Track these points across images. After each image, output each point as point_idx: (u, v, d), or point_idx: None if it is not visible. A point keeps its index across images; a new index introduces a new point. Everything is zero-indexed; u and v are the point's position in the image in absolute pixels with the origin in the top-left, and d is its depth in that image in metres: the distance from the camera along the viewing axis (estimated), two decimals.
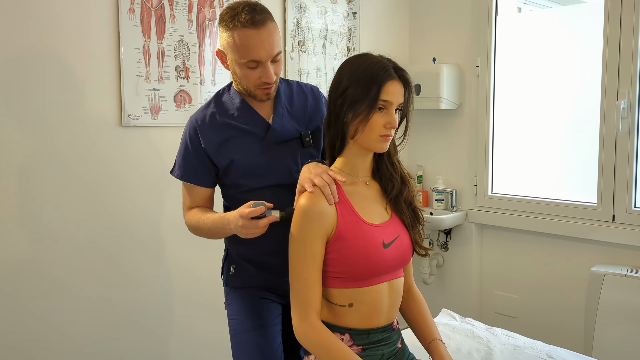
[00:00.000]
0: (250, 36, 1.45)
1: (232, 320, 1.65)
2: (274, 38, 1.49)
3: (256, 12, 1.46)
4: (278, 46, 1.51)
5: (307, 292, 1.31)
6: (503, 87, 2.99)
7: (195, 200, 1.63)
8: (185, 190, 1.65)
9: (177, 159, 1.65)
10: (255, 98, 1.57)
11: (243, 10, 1.45)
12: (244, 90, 1.57)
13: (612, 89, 2.50)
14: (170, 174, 1.66)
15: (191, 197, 1.63)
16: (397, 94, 1.33)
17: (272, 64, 1.51)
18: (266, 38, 1.46)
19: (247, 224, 1.38)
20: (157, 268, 2.36)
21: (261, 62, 1.48)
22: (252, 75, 1.51)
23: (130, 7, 2.18)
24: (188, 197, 1.64)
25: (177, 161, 1.64)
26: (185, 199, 1.65)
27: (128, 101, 2.20)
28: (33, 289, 2.05)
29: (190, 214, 1.61)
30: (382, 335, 1.38)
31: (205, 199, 1.64)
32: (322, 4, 2.85)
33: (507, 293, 3.01)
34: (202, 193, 1.63)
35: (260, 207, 1.37)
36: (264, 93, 1.55)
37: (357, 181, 1.40)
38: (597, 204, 2.60)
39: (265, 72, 1.50)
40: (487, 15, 2.95)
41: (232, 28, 1.46)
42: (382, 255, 1.33)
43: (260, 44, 1.46)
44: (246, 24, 1.45)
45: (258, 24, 1.45)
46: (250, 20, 1.44)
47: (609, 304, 2.42)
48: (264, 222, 1.37)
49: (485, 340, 2.03)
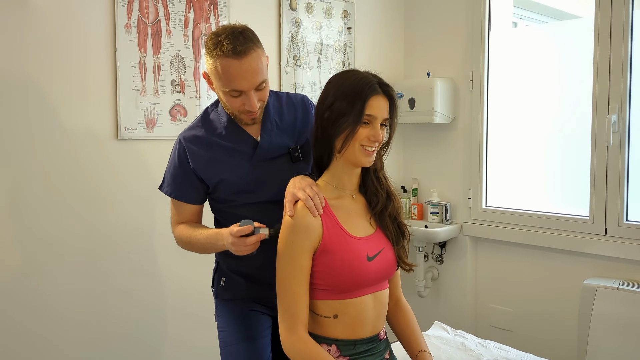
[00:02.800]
0: (231, 66, 1.42)
1: (222, 332, 1.65)
2: (257, 68, 1.45)
3: (239, 41, 1.42)
4: (261, 75, 1.47)
5: (295, 305, 1.33)
6: (497, 101, 3.03)
7: (184, 216, 1.64)
8: (174, 207, 1.65)
9: (166, 175, 1.65)
10: (241, 122, 1.57)
11: (226, 39, 1.41)
12: (230, 113, 1.57)
13: (602, 104, 2.53)
14: (159, 189, 1.67)
15: (179, 213, 1.64)
16: (382, 108, 1.36)
17: (256, 91, 1.48)
18: (248, 69, 1.43)
19: (236, 242, 1.39)
20: (151, 281, 2.37)
21: (244, 91, 1.46)
22: (236, 102, 1.50)
23: (127, 22, 2.22)
24: (176, 213, 1.65)
25: (166, 178, 1.65)
26: (174, 214, 1.66)
27: (124, 114, 2.24)
28: (25, 302, 2.05)
29: (180, 229, 1.62)
30: (368, 346, 1.39)
31: (194, 214, 1.65)
32: (317, 19, 2.90)
33: (501, 306, 3.01)
34: (191, 210, 1.64)
35: (247, 226, 1.38)
36: (249, 118, 1.54)
37: (343, 195, 1.42)
38: (590, 217, 2.61)
39: (249, 101, 1.48)
40: (480, 30, 2.99)
41: (215, 56, 1.43)
42: (366, 268, 1.35)
43: (242, 74, 1.43)
44: (228, 53, 1.41)
45: (240, 55, 1.41)
46: (232, 51, 1.41)
47: (602, 317, 2.43)
48: (252, 239, 1.38)
49: (477, 353, 2.04)
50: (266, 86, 1.51)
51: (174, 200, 1.64)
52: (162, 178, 1.66)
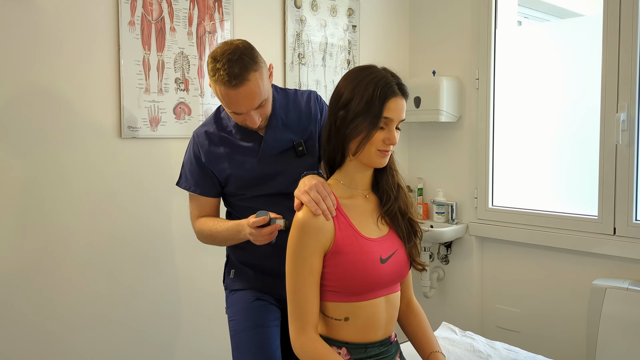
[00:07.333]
0: (228, 94, 1.48)
1: (232, 321, 1.69)
2: (254, 93, 1.48)
3: (234, 69, 1.44)
4: (259, 98, 1.50)
5: (304, 306, 1.30)
6: (503, 100, 2.99)
7: (203, 210, 1.69)
8: (192, 202, 1.71)
9: (183, 171, 1.71)
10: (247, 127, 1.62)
11: (222, 67, 1.45)
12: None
13: (611, 102, 2.50)
14: (177, 185, 1.72)
15: (198, 207, 1.70)
16: (399, 110, 1.32)
17: (257, 109, 1.53)
18: (245, 96, 1.48)
19: (253, 232, 1.47)
20: (155, 279, 2.34)
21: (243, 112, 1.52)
22: (238, 119, 1.57)
23: (131, 19, 2.19)
24: (195, 207, 1.70)
25: (183, 174, 1.71)
26: (193, 209, 1.71)
27: (127, 113, 2.21)
28: (35, 301, 2.03)
29: (200, 224, 1.67)
30: (379, 350, 1.36)
31: (212, 207, 1.71)
32: (322, 17, 2.87)
33: (508, 307, 2.98)
34: (209, 203, 1.69)
35: (263, 217, 1.45)
36: (254, 128, 1.60)
37: (356, 194, 1.39)
38: (598, 216, 2.58)
39: (250, 119, 1.54)
40: (487, 27, 2.96)
41: (214, 81, 1.49)
42: (380, 271, 1.31)
43: (240, 101, 1.49)
44: (225, 83, 1.45)
45: (236, 86, 1.45)
46: (228, 82, 1.45)
47: (611, 317, 2.40)
48: (267, 230, 1.46)
49: (485, 355, 2.01)
50: (266, 103, 1.56)
51: (192, 195, 1.70)
52: (179, 174, 1.73)
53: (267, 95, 1.54)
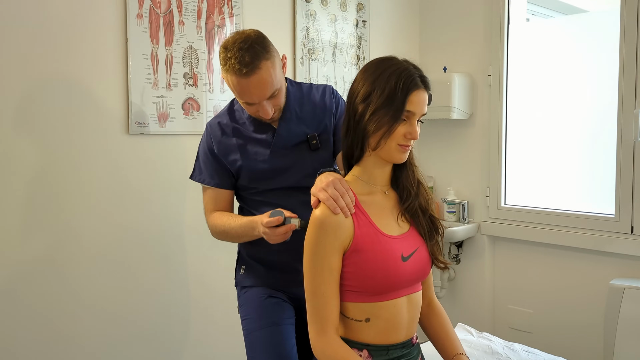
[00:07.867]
0: (240, 83, 1.46)
1: (245, 320, 1.65)
2: (266, 82, 1.46)
3: (245, 58, 1.42)
4: (272, 87, 1.48)
5: (324, 306, 1.24)
6: (515, 96, 2.94)
7: (217, 203, 1.65)
8: (206, 195, 1.67)
9: (197, 164, 1.69)
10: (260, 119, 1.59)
11: (234, 56, 1.43)
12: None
13: (629, 98, 2.44)
14: (191, 178, 1.70)
15: (213, 201, 1.66)
16: (422, 104, 1.27)
17: (270, 100, 1.50)
18: (257, 85, 1.46)
19: (267, 232, 1.44)
20: (165, 277, 2.29)
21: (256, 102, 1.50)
22: (250, 109, 1.55)
23: (139, 12, 2.13)
24: (209, 201, 1.67)
25: (197, 167, 1.68)
26: (207, 203, 1.67)
27: (135, 108, 2.15)
28: (45, 297, 1.98)
29: (214, 219, 1.64)
30: (402, 352, 1.31)
31: (225, 201, 1.66)
32: (332, 12, 2.81)
33: (521, 307, 2.92)
34: (223, 196, 1.65)
35: (278, 217, 1.42)
36: (267, 119, 1.57)
37: (375, 190, 1.33)
38: (615, 215, 2.52)
39: (262, 109, 1.51)
40: (499, 23, 2.90)
41: (225, 71, 1.47)
42: (401, 269, 1.26)
43: (251, 91, 1.46)
44: (236, 72, 1.44)
45: (247, 74, 1.43)
46: (239, 70, 1.43)
47: (630, 318, 2.34)
48: (282, 230, 1.42)
49: (505, 357, 1.95)
50: (279, 93, 1.53)
51: (206, 188, 1.67)
52: (193, 167, 1.69)
53: (280, 85, 1.51)
